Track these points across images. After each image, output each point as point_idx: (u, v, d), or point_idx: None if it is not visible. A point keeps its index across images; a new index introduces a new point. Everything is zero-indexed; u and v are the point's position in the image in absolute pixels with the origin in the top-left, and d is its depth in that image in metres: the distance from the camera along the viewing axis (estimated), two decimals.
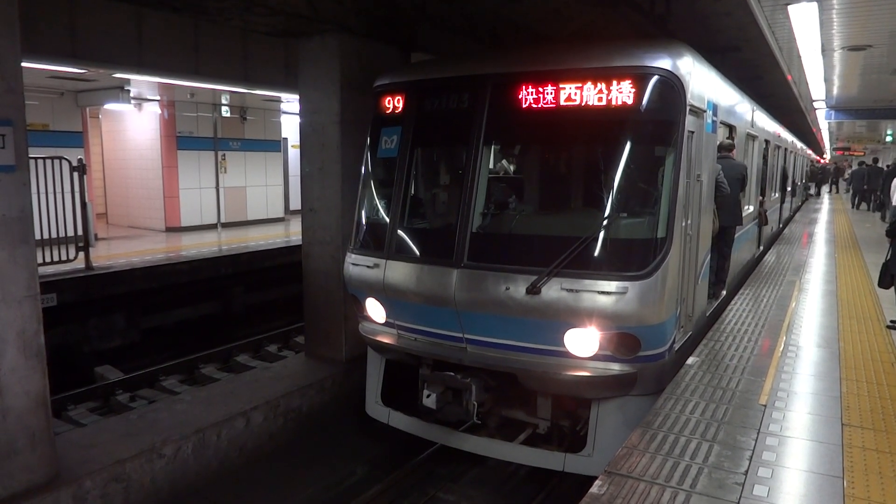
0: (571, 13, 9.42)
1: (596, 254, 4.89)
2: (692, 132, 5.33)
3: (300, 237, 7.79)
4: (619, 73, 4.94)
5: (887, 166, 24.84)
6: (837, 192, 36.25)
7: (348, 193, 6.99)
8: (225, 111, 16.40)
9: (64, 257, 9.92)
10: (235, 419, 6.08)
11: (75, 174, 10.10)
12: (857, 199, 24.35)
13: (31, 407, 4.45)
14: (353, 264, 5.99)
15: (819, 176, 36.71)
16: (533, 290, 4.84)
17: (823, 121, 25.35)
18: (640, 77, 4.92)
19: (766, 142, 11.52)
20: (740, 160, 8.41)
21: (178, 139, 15.78)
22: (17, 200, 4.27)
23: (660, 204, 4.95)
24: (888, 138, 30.13)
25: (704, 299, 6.51)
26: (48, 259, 9.60)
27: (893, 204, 16.76)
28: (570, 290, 4.79)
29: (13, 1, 4.17)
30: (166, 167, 15.77)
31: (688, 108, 5.01)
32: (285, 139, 19.79)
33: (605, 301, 4.72)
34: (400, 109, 5.98)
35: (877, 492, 3.38)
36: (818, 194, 33.99)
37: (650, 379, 5.03)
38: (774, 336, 6.27)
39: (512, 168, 7.83)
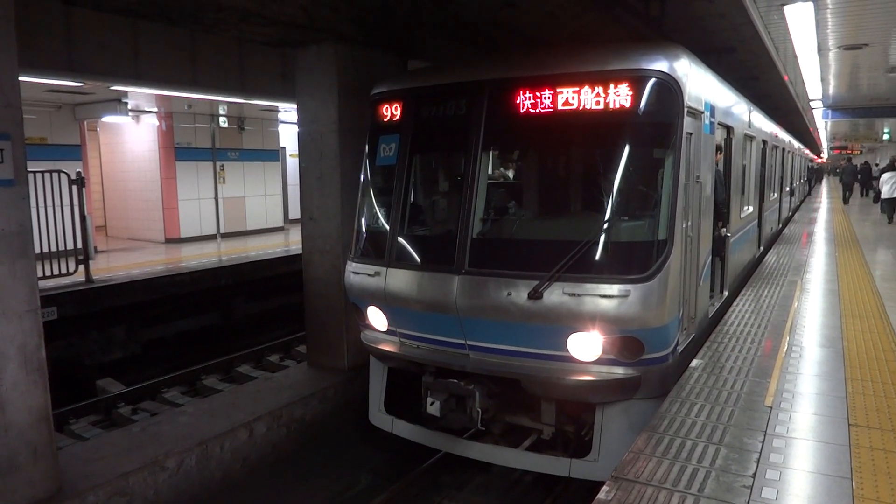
0: (567, 17, 9.45)
1: (597, 257, 4.87)
2: (690, 134, 5.32)
3: (300, 246, 7.78)
4: (616, 76, 4.93)
5: (876, 165, 28.20)
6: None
7: (348, 202, 6.99)
8: (223, 122, 16.43)
9: (64, 270, 9.91)
10: (238, 430, 6.05)
11: (74, 187, 10.11)
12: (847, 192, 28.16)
13: (33, 422, 4.43)
14: (354, 272, 5.97)
15: (813, 174, 37.64)
16: (535, 295, 4.82)
17: (820, 120, 25.43)
18: (637, 80, 4.92)
19: (764, 142, 11.53)
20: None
21: (176, 150, 15.81)
22: (16, 214, 4.26)
23: (660, 206, 4.94)
24: (885, 136, 30.20)
25: (706, 301, 6.49)
26: (48, 273, 9.60)
27: (883, 196, 17.98)
28: (572, 295, 4.77)
29: (10, 15, 4.17)
30: (165, 178, 15.78)
31: (685, 109, 5.01)
32: (283, 148, 19.81)
33: (607, 305, 4.70)
34: (398, 117, 5.97)
35: (886, 492, 3.35)
36: (808, 192, 34.38)
37: (654, 382, 5.00)
38: (777, 337, 6.25)
39: (511, 173, 7.82)
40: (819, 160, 58.19)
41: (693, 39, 9.38)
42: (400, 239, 5.75)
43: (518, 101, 5.21)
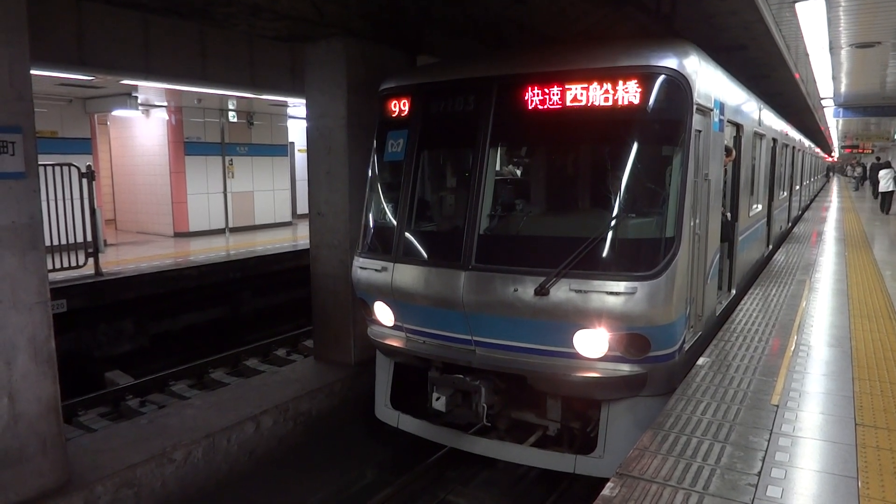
0: (577, 14, 9.42)
1: (604, 254, 4.87)
2: (699, 131, 5.30)
3: (308, 241, 7.80)
4: (626, 73, 4.92)
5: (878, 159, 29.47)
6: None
7: (356, 197, 7.00)
8: (232, 116, 16.47)
9: (74, 263, 9.98)
10: (245, 423, 6.08)
11: (84, 180, 10.17)
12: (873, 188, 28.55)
13: (43, 413, 4.47)
14: (361, 268, 5.99)
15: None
16: (541, 291, 4.83)
17: (832, 119, 25.26)
18: (646, 76, 4.90)
19: (774, 140, 11.46)
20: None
21: (185, 145, 15.88)
22: (26, 207, 4.30)
23: (668, 203, 4.93)
24: None
25: (714, 299, 6.47)
26: (58, 265, 9.66)
27: (880, 189, 19.82)
28: (579, 291, 4.77)
29: (22, 10, 4.20)
30: (174, 172, 15.85)
31: (694, 107, 4.99)
32: (292, 143, 19.85)
33: (614, 301, 4.70)
34: (406, 112, 5.97)
35: (892, 492, 3.34)
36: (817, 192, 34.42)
37: (660, 379, 5.00)
38: (785, 336, 6.22)
39: (519, 170, 7.81)
40: (830, 159, 57.83)
41: (703, 37, 9.33)
42: (407, 234, 5.77)
43: (526, 98, 5.20)
